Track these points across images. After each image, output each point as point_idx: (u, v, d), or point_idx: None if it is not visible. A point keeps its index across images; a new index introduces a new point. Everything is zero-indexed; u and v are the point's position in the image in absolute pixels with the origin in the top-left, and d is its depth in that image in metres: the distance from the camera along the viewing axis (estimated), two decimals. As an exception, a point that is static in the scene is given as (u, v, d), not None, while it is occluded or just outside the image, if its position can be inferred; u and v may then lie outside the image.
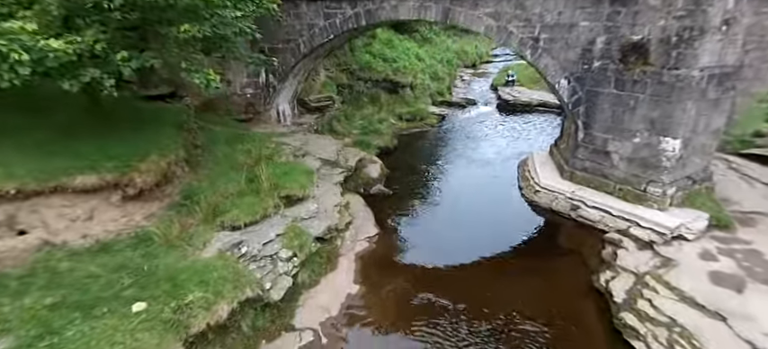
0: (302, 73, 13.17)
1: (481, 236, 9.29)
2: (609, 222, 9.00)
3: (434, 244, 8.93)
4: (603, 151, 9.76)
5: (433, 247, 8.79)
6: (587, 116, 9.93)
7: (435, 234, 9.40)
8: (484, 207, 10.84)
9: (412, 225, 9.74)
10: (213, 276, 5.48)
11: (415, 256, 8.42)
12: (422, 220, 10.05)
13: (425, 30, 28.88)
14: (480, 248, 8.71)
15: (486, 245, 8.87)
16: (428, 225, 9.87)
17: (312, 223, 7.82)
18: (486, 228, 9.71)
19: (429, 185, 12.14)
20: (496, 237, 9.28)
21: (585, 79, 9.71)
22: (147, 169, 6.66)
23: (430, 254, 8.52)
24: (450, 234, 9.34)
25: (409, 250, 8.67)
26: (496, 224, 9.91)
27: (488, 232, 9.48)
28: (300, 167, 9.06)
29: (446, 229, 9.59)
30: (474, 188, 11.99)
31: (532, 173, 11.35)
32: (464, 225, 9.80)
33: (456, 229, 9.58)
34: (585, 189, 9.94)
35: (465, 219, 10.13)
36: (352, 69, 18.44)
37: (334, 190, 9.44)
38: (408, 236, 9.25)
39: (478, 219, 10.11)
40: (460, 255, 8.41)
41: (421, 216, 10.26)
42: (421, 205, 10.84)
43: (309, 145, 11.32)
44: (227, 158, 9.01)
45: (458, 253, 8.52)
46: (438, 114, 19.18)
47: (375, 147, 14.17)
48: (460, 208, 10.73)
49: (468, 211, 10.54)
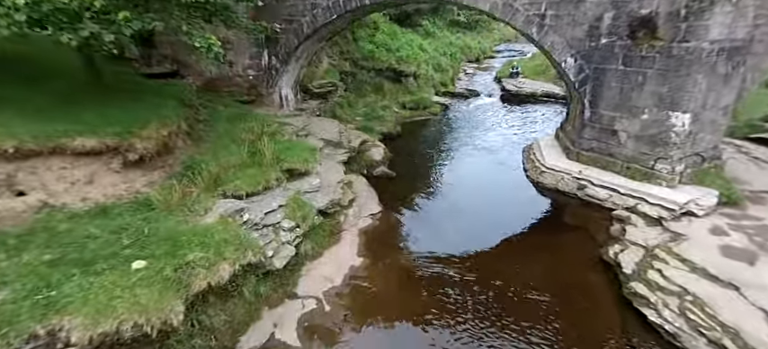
0: (305, 56, 13.08)
1: (486, 215, 9.18)
2: (616, 200, 8.85)
3: (439, 222, 8.81)
4: (610, 130, 9.61)
5: (438, 226, 8.68)
6: (594, 94, 9.79)
7: (440, 213, 9.28)
8: (489, 189, 10.71)
9: (416, 205, 9.62)
10: (214, 239, 5.38)
11: (419, 233, 8.30)
12: (426, 201, 9.93)
13: (429, 24, 28.86)
14: (485, 227, 8.60)
15: (492, 223, 8.76)
16: (432, 205, 9.75)
17: (315, 196, 7.72)
18: (492, 208, 9.59)
19: (433, 169, 12.03)
20: (502, 216, 9.16)
21: (592, 56, 9.58)
22: (147, 136, 6.57)
23: (434, 231, 8.41)
24: (454, 214, 9.21)
25: (413, 228, 8.55)
26: (502, 205, 9.78)
27: (494, 212, 9.35)
28: (303, 144, 8.96)
29: (451, 209, 9.46)
30: (478, 172, 11.86)
31: (538, 155, 11.21)
32: (469, 205, 9.68)
33: (461, 210, 9.45)
34: (592, 168, 9.79)
35: (470, 200, 10.00)
36: (354, 58, 18.35)
37: (337, 168, 9.34)
38: (412, 215, 9.13)
39: (483, 201, 9.98)
40: (465, 233, 8.29)
41: (425, 197, 10.14)
42: (425, 187, 10.73)
43: (312, 126, 11.22)
44: (228, 134, 8.92)
45: (463, 231, 8.40)
46: (441, 104, 19.07)
47: (378, 132, 14.08)
48: (465, 190, 10.60)
49: (472, 193, 10.41)
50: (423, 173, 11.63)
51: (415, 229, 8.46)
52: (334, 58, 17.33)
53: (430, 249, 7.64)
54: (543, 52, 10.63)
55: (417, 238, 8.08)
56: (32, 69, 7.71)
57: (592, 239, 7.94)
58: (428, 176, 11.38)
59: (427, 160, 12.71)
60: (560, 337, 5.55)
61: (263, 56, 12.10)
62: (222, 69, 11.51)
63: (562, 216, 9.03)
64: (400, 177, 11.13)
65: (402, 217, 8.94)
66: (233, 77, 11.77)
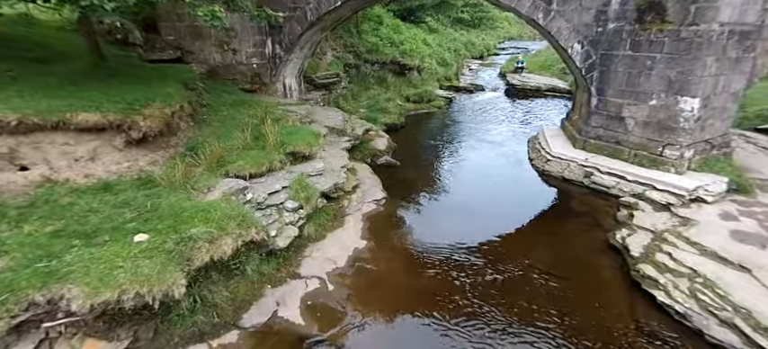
0: (309, 46, 13.01)
1: (492, 203, 9.07)
2: (624, 187, 8.72)
3: (444, 209, 8.71)
4: (618, 117, 9.48)
5: (443, 212, 8.58)
6: (601, 81, 9.66)
7: (445, 201, 9.17)
8: (494, 179, 10.59)
9: (420, 193, 9.52)
10: (217, 214, 5.30)
11: (424, 219, 8.21)
12: (430, 189, 9.83)
13: (432, 20, 28.76)
14: (491, 214, 8.49)
15: (498, 211, 8.65)
16: (437, 193, 9.64)
17: (319, 179, 7.64)
18: (497, 196, 9.48)
19: (437, 159, 11.93)
20: (507, 204, 9.05)
21: (600, 42, 9.45)
22: (150, 114, 6.51)
23: (440, 218, 8.31)
24: (459, 201, 9.11)
25: (418, 214, 8.45)
26: (507, 193, 9.66)
27: (499, 200, 9.24)
28: (307, 129, 8.88)
29: (455, 197, 9.36)
30: (483, 163, 11.75)
31: (543, 144, 11.09)
32: (474, 194, 9.57)
33: (466, 198, 9.35)
34: (599, 156, 9.66)
35: (475, 189, 9.90)
36: (358, 51, 18.27)
37: (340, 154, 9.26)
38: (417, 202, 9.03)
39: (489, 190, 9.87)
40: (471, 220, 8.18)
41: (429, 185, 10.04)
42: (429, 176, 10.63)
43: (316, 114, 11.16)
44: (232, 118, 8.86)
45: (468, 218, 8.30)
46: (445, 97, 18.96)
47: (382, 123, 14.01)
48: (470, 179, 10.50)
49: (477, 182, 10.30)
50: (427, 163, 11.54)
51: (420, 215, 8.36)
52: (339, 50, 17.26)
53: (435, 234, 7.54)
54: (549, 39, 10.51)
55: (422, 224, 7.98)
56: (40, 52, 7.68)
57: (599, 225, 7.81)
58: (433, 166, 11.29)
59: (432, 151, 12.62)
60: (567, 319, 5.43)
61: (267, 44, 12.04)
62: (226, 57, 11.46)
63: (569, 203, 8.90)
64: (405, 166, 11.05)
65: (406, 204, 8.84)
66: (237, 66, 11.71)
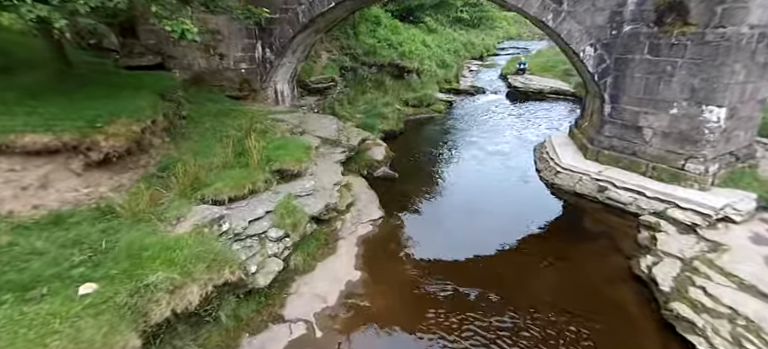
0: (301, 49, 12.16)
1: (497, 221, 8.24)
2: (642, 204, 7.90)
3: (445, 229, 7.89)
4: (634, 126, 8.66)
5: (445, 233, 7.76)
6: (615, 87, 8.83)
7: (446, 219, 8.36)
8: (498, 192, 9.78)
9: (420, 209, 8.71)
10: (183, 254, 4.48)
11: (424, 242, 7.39)
12: (431, 205, 9.02)
13: (431, 20, 27.90)
14: (497, 234, 7.68)
15: (504, 231, 7.83)
16: (438, 209, 8.84)
17: (308, 201, 6.81)
18: (502, 213, 8.65)
19: (438, 170, 11.11)
20: (514, 222, 8.23)
21: (614, 46, 8.62)
22: (115, 132, 5.68)
23: (441, 239, 7.49)
24: (462, 219, 8.30)
25: (417, 235, 7.63)
26: (513, 209, 8.84)
27: (505, 217, 8.42)
28: (296, 142, 8.05)
29: (458, 214, 8.55)
30: (487, 174, 10.93)
31: (552, 154, 10.26)
32: (477, 210, 8.75)
33: (469, 215, 8.54)
34: (613, 169, 8.83)
35: (478, 204, 9.08)
36: (355, 53, 17.41)
37: (334, 168, 8.43)
38: (416, 220, 8.22)
39: (493, 205, 9.05)
40: (475, 242, 7.37)
41: (430, 200, 9.23)
42: (430, 189, 9.81)
43: (308, 123, 10.31)
44: (214, 131, 8.03)
45: (472, 239, 7.49)
46: (446, 101, 18.13)
47: (380, 130, 13.19)
48: (473, 193, 9.68)
49: (481, 197, 9.48)
50: (427, 174, 10.72)
51: (420, 237, 7.54)
52: (334, 53, 16.40)
53: (436, 261, 6.74)
54: (558, 43, 9.67)
55: (422, 248, 7.17)
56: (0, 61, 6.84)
57: (618, 250, 7.02)
58: (433, 178, 10.47)
59: (432, 160, 11.79)
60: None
61: (257, 48, 11.19)
62: (211, 62, 10.61)
63: (582, 222, 8.10)
64: (403, 179, 10.23)
65: (405, 223, 8.03)
66: (224, 71, 10.86)
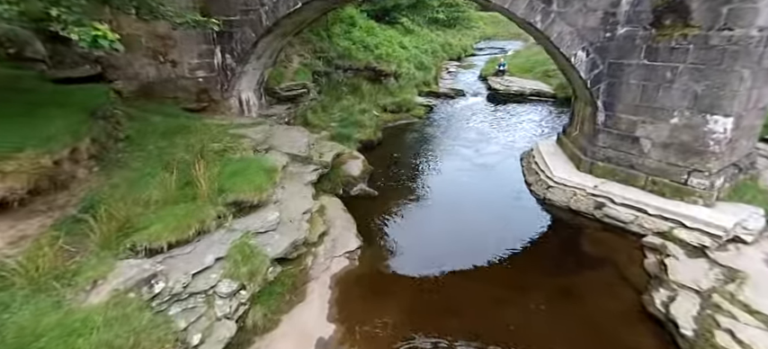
0: (268, 54, 10.96)
1: (488, 245, 7.33)
2: (645, 223, 7.18)
3: (431, 258, 6.90)
4: (631, 136, 7.95)
5: (431, 263, 6.77)
6: (610, 94, 8.10)
7: (432, 245, 7.39)
8: (487, 209, 8.90)
9: (403, 234, 7.72)
10: (93, 341, 3.31)
11: (408, 277, 6.40)
12: (414, 227, 8.04)
13: (408, 21, 27.00)
14: (489, 262, 6.80)
15: (496, 257, 6.95)
16: (422, 233, 7.87)
17: (271, 239, 5.70)
18: (493, 234, 7.74)
19: (420, 184, 10.15)
20: (507, 246, 7.35)
21: (608, 50, 7.88)
22: (14, 170, 4.41)
23: (427, 271, 6.51)
24: (449, 245, 7.35)
25: (401, 268, 6.64)
26: (505, 229, 7.96)
27: (496, 240, 7.51)
28: (259, 163, 6.90)
29: (444, 239, 7.61)
30: (473, 186, 10.05)
31: (542, 165, 9.49)
32: (466, 233, 7.83)
33: (457, 238, 7.62)
34: (610, 183, 8.11)
35: (467, 224, 8.17)
36: (329, 57, 16.27)
37: (303, 192, 7.33)
38: (399, 249, 7.22)
39: (483, 224, 8.15)
40: (466, 274, 6.46)
41: (413, 221, 8.25)
42: (412, 208, 8.83)
43: (276, 137, 9.15)
44: (161, 155, 6.78)
45: (462, 270, 6.56)
46: (425, 105, 17.22)
47: (356, 140, 12.14)
48: (460, 210, 8.76)
49: (469, 215, 8.57)
50: (409, 190, 9.73)
51: (403, 274, 6.54)
52: (306, 57, 15.21)
53: (422, 303, 5.77)
54: (547, 47, 8.87)
55: (406, 287, 6.18)
56: None
57: (624, 279, 6.22)
58: (415, 195, 9.49)
59: (413, 172, 10.83)
60: None
61: (216, 54, 9.93)
62: (163, 71, 9.28)
63: (580, 244, 7.30)
64: (383, 196, 9.22)
65: (386, 253, 7.03)
66: (177, 80, 9.55)
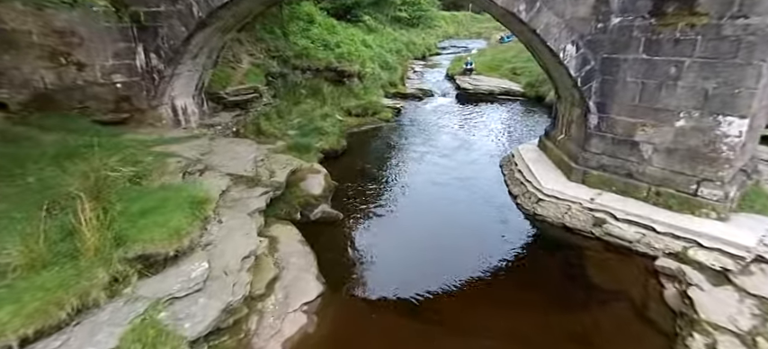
0: (206, 54, 9.14)
1: (477, 279, 6.05)
2: (654, 242, 6.15)
3: (411, 300, 5.52)
4: (629, 141, 6.93)
5: (410, 307, 5.38)
6: (603, 94, 7.06)
7: (409, 284, 5.89)
8: (470, 229, 7.63)
9: (374, 271, 6.28)
10: None
11: (381, 333, 4.96)
12: (387, 260, 6.61)
13: (370, 19, 25.59)
14: (481, 303, 5.50)
15: (490, 296, 5.68)
16: (396, 268, 6.45)
17: (193, 306, 4.04)
18: (481, 263, 6.44)
19: (391, 200, 8.73)
20: (500, 277, 6.13)
21: (600, 43, 6.82)
22: None
23: (406, 319, 5.12)
24: (430, 282, 5.92)
25: (372, 323, 5.18)
26: (493, 255, 6.68)
27: (485, 271, 6.25)
28: (185, 193, 5.18)
29: (425, 275, 6.17)
30: (451, 201, 8.75)
31: (527, 175, 8.35)
32: (449, 263, 6.45)
33: (438, 272, 6.19)
34: (607, 194, 7.07)
35: (448, 252, 6.80)
36: (285, 56, 14.51)
37: (247, 226, 5.67)
38: (370, 290, 5.77)
39: (468, 252, 6.81)
40: (454, 324, 5.11)
41: (385, 252, 6.81)
42: (383, 233, 7.41)
43: (216, 154, 7.42)
44: (43, 190, 4.92)
45: (449, 318, 5.21)
46: (393, 107, 15.86)
47: (317, 150, 10.55)
48: (439, 234, 7.44)
49: (450, 240, 7.25)
50: (378, 208, 8.30)
51: (377, 324, 5.09)
52: (259, 56, 13.38)
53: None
54: (531, 42, 7.71)
55: (380, 345, 4.73)
56: None
57: (645, 319, 5.10)
58: (386, 214, 8.07)
59: (383, 187, 9.40)
60: None
61: (138, 53, 8.01)
62: (66, 75, 7.25)
63: (583, 270, 6.16)
64: (349, 218, 7.73)
65: (356, 301, 5.55)
66: (87, 87, 7.53)
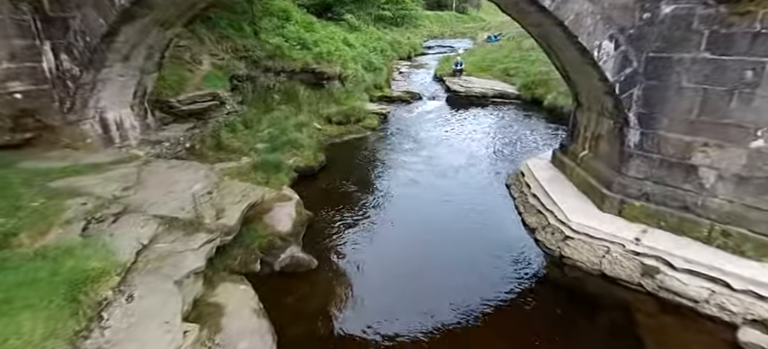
0: (144, 53, 7.15)
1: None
2: (729, 303, 4.56)
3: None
4: (684, 164, 5.35)
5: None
6: (648, 104, 5.45)
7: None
8: (480, 274, 5.92)
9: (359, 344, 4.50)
10: None
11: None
12: (375, 330, 4.84)
13: (353, 17, 23.79)
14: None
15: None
16: (387, 342, 4.69)
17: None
18: (497, 326, 4.78)
19: (378, 235, 6.94)
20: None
21: (647, 37, 5.22)
22: None
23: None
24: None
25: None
26: (511, 314, 5.02)
27: (504, 335, 4.57)
28: (64, 268, 3.30)
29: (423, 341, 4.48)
30: (453, 234, 7.03)
31: (544, 199, 6.70)
32: (454, 324, 4.79)
33: (442, 344, 4.53)
34: (655, 232, 5.46)
35: (454, 311, 5.10)
36: (255, 56, 12.56)
37: (169, 308, 3.79)
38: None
39: (478, 307, 5.14)
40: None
41: (372, 315, 5.04)
42: (369, 286, 5.62)
43: (145, 186, 5.48)
44: None
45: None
46: (378, 113, 14.07)
47: (290, 168, 8.68)
48: (440, 285, 5.71)
49: (455, 290, 5.51)
50: (362, 246, 6.51)
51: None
52: (222, 57, 11.39)
53: None
54: (552, 38, 6.04)
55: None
56: None
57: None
58: (372, 254, 6.28)
59: (368, 216, 7.59)
60: None
61: (44, 53, 6.01)
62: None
63: (634, 341, 4.51)
64: (325, 264, 5.91)
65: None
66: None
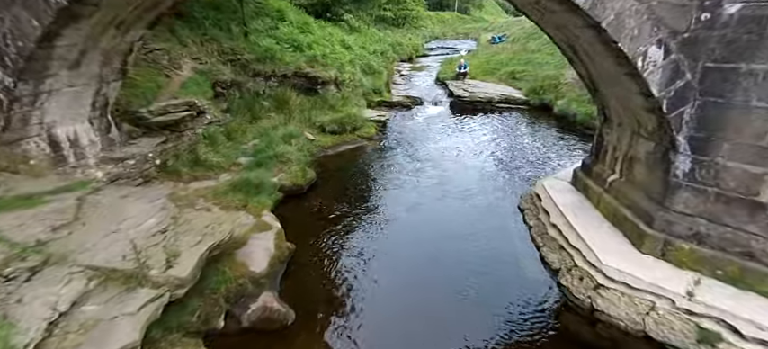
0: (99, 60, 6.10)
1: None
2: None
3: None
4: (748, 201, 4.26)
5: None
6: (703, 125, 4.37)
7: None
8: (490, 328, 4.87)
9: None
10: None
11: None
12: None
13: (352, 18, 22.69)
14: None
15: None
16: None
17: None
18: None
19: (374, 276, 5.86)
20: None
21: (703, 44, 4.14)
22: None
23: None
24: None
25: None
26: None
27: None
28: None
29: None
30: (458, 274, 5.93)
31: (568, 234, 5.61)
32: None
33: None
34: (710, 283, 4.38)
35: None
36: (244, 60, 11.55)
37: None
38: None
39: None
40: None
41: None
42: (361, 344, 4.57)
43: (85, 223, 4.44)
44: None
45: None
46: (376, 121, 13.01)
47: (274, 188, 7.62)
48: (445, 345, 4.66)
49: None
50: (354, 291, 5.45)
51: None
52: (205, 61, 10.36)
53: None
54: (570, 44, 4.96)
55: None
56: None
57: None
58: (366, 304, 5.21)
59: (362, 249, 6.51)
60: None
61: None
62: None
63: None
64: (307, 322, 4.84)
65: None
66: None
